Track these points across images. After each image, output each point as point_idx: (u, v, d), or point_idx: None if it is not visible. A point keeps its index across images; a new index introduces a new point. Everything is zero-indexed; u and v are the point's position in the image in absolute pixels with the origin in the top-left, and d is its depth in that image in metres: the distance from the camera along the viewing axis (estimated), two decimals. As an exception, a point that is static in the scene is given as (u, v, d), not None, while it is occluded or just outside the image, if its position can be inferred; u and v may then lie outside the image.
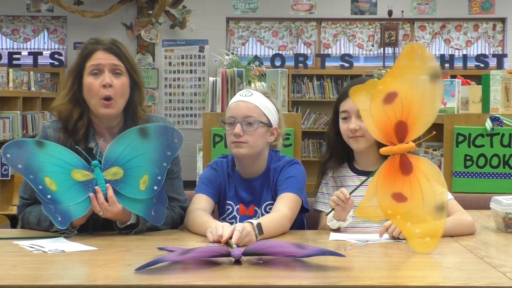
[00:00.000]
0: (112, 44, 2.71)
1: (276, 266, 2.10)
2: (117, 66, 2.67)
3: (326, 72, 11.10)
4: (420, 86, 2.33)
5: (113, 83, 2.65)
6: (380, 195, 2.39)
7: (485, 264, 2.15)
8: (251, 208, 2.87)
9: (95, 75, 2.65)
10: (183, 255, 2.09)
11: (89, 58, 2.68)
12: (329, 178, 2.95)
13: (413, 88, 2.34)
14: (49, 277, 1.99)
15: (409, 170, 2.37)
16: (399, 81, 2.34)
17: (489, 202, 2.80)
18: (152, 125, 2.60)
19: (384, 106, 2.35)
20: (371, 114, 2.37)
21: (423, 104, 2.33)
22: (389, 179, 2.39)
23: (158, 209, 2.58)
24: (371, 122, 2.39)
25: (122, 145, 2.55)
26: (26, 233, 2.61)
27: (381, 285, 1.93)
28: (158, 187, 2.57)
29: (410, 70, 2.35)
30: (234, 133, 2.79)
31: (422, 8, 11.49)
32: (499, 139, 4.77)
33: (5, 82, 8.22)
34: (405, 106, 2.33)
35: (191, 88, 11.51)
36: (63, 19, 11.53)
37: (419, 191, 2.34)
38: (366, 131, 2.78)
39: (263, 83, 5.93)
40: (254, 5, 11.50)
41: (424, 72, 2.33)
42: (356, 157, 2.92)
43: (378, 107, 2.35)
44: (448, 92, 5.07)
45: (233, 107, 2.85)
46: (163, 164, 2.57)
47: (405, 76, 2.35)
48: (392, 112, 2.34)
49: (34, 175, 2.47)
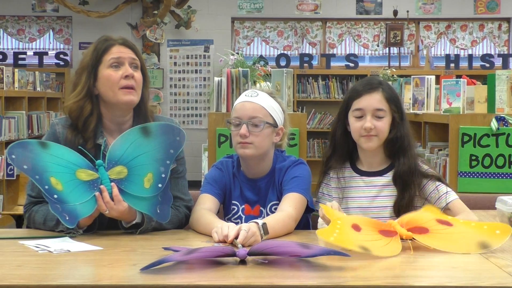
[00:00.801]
0: (125, 40, 2.77)
1: (281, 266, 2.09)
2: (135, 60, 2.73)
3: (331, 72, 11.09)
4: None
5: (134, 75, 2.70)
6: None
7: (490, 264, 2.14)
8: (256, 208, 2.87)
9: (115, 67, 2.68)
10: (189, 255, 2.09)
11: (107, 52, 2.70)
12: (331, 178, 2.94)
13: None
14: (54, 277, 1.99)
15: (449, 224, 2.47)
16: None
17: (494, 202, 2.80)
18: (153, 124, 2.62)
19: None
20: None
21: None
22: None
23: (163, 207, 2.59)
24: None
25: (125, 144, 2.57)
26: (31, 233, 2.61)
27: (386, 285, 1.93)
28: (162, 184, 2.58)
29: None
30: (240, 134, 2.79)
31: (427, 8, 11.48)
32: (505, 139, 4.76)
33: (11, 82, 8.23)
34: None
35: (196, 88, 11.51)
36: (68, 19, 11.55)
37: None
38: (380, 131, 2.80)
39: (268, 83, 5.92)
40: (259, 5, 11.50)
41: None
42: (361, 157, 2.91)
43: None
44: (453, 92, 5.06)
45: (239, 107, 2.84)
46: (167, 162, 2.58)
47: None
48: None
49: (39, 176, 2.48)
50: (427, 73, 8.11)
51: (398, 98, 2.88)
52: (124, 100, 2.68)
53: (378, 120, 2.81)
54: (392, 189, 2.83)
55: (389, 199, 2.82)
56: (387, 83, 2.92)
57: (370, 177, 2.87)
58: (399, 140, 2.83)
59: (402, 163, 2.81)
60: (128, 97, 2.68)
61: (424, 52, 11.51)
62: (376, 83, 2.86)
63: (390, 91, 2.85)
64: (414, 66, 11.56)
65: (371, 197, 2.85)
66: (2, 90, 7.82)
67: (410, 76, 6.65)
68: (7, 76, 8.04)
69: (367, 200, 2.85)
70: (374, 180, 2.87)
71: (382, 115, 2.81)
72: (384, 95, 2.82)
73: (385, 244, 2.29)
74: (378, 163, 2.87)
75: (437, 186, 2.81)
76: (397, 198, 2.79)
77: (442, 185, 2.82)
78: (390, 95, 2.84)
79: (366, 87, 2.84)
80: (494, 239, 2.36)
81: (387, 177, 2.85)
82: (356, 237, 2.30)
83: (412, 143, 2.88)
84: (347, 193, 2.89)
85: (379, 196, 2.84)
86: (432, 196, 2.80)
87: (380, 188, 2.85)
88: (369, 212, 2.81)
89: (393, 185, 2.82)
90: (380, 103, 2.81)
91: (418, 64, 11.58)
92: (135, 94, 2.70)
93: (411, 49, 11.55)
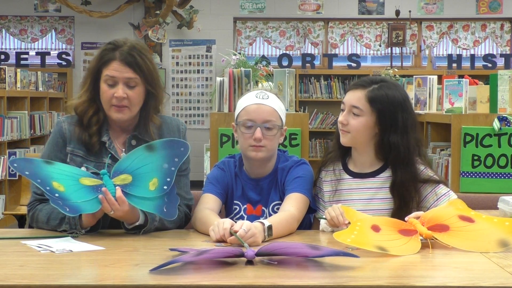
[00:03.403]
0: (129, 53, 2.69)
1: (289, 266, 2.09)
2: (131, 79, 2.69)
3: (333, 72, 11.09)
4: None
5: (127, 94, 2.68)
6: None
7: (492, 264, 2.14)
8: (258, 208, 2.87)
9: (109, 86, 2.69)
10: (198, 256, 2.09)
11: (106, 67, 2.69)
12: (323, 182, 2.89)
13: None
14: (56, 277, 1.99)
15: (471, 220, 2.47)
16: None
17: (496, 202, 2.80)
18: (158, 142, 2.63)
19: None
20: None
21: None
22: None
23: (170, 206, 2.58)
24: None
25: (130, 159, 2.59)
26: (34, 233, 2.61)
27: (388, 285, 1.93)
28: (168, 187, 2.58)
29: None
30: (255, 137, 2.78)
31: (429, 8, 11.47)
32: (507, 139, 4.76)
33: (13, 82, 8.24)
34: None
35: (198, 88, 11.51)
36: (70, 19, 11.55)
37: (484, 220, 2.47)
38: (352, 129, 2.74)
39: (270, 83, 5.93)
40: (261, 5, 11.50)
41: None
42: (353, 156, 2.86)
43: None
44: (455, 92, 5.06)
45: (253, 110, 2.82)
46: (171, 169, 2.59)
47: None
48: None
49: (41, 180, 2.49)
50: (429, 73, 8.12)
51: (390, 103, 2.73)
52: (113, 117, 2.71)
53: (354, 117, 2.75)
54: (388, 192, 2.77)
55: (385, 202, 2.77)
56: (390, 86, 2.77)
57: (362, 178, 2.82)
58: (393, 149, 2.73)
59: (399, 175, 2.73)
60: (118, 115, 2.70)
61: (426, 52, 11.50)
62: (368, 82, 2.77)
63: (380, 94, 2.72)
64: (416, 66, 11.55)
65: (365, 199, 2.79)
66: (4, 90, 7.83)
67: (412, 76, 6.65)
68: (9, 76, 8.04)
69: (361, 203, 2.78)
70: (366, 182, 2.81)
71: (357, 113, 2.73)
72: (367, 94, 2.73)
73: (403, 243, 2.29)
74: (369, 163, 2.81)
75: (435, 188, 2.74)
76: (394, 209, 2.73)
77: (441, 186, 2.75)
78: (376, 97, 2.72)
79: (357, 83, 2.79)
80: (509, 234, 2.37)
81: (380, 179, 2.79)
82: (374, 238, 2.31)
83: (413, 158, 2.75)
84: (338, 196, 2.84)
85: (374, 199, 2.79)
86: (428, 198, 2.74)
87: (375, 191, 2.79)
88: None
89: (387, 188, 2.77)
90: (358, 101, 2.73)
91: (420, 64, 11.57)
92: (126, 112, 2.70)
93: (413, 49, 11.55)
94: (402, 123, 2.74)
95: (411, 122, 2.77)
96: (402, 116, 2.74)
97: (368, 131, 2.75)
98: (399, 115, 2.74)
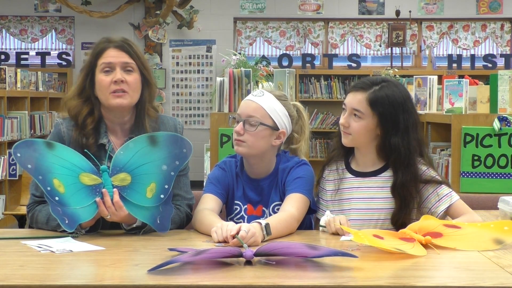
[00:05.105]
0: (123, 42, 2.75)
1: (287, 266, 2.09)
2: (128, 63, 2.71)
3: (334, 72, 11.08)
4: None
5: (125, 78, 2.69)
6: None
7: (493, 264, 2.14)
8: (259, 208, 2.87)
9: (106, 73, 2.69)
10: (196, 256, 2.09)
11: (101, 56, 2.72)
12: (326, 182, 2.90)
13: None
14: (56, 277, 2.00)
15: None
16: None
17: (497, 202, 2.80)
18: (161, 134, 2.62)
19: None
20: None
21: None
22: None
23: (163, 218, 2.58)
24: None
25: (131, 152, 2.57)
26: (34, 233, 2.62)
27: (388, 285, 1.93)
28: (164, 196, 2.58)
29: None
30: (235, 130, 2.81)
31: (429, 8, 11.47)
32: (507, 139, 4.76)
33: (13, 82, 8.24)
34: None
35: (198, 88, 11.51)
36: (70, 19, 11.55)
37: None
38: (353, 131, 2.75)
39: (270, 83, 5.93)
40: (261, 5, 11.50)
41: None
42: (356, 155, 2.86)
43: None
44: (456, 92, 5.06)
45: (242, 105, 2.88)
46: (171, 174, 2.59)
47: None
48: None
49: (43, 176, 2.49)
50: (430, 73, 8.11)
51: (392, 105, 2.72)
52: (114, 103, 2.69)
53: (355, 120, 2.75)
54: (389, 191, 2.77)
55: (386, 201, 2.77)
56: (391, 86, 2.77)
57: (364, 177, 2.82)
58: (394, 151, 2.73)
59: (399, 176, 2.73)
60: (117, 100, 2.69)
61: (427, 52, 11.49)
62: (369, 83, 2.76)
63: (381, 96, 2.72)
64: (416, 66, 11.55)
65: (366, 198, 2.79)
66: (5, 90, 7.83)
67: (412, 76, 6.65)
68: (9, 76, 8.05)
69: (363, 202, 2.79)
70: (368, 181, 2.81)
71: (359, 115, 2.73)
72: (368, 97, 2.72)
73: (411, 247, 2.30)
74: (371, 162, 2.81)
75: (437, 189, 2.74)
76: (395, 210, 2.74)
77: (443, 186, 2.75)
78: (377, 100, 2.72)
79: (358, 85, 2.78)
80: (506, 235, 2.40)
81: (382, 178, 2.79)
82: (385, 242, 2.31)
83: (413, 159, 2.75)
84: (340, 195, 2.84)
85: (375, 198, 2.78)
86: (430, 199, 2.74)
87: (376, 190, 2.79)
88: (366, 213, 2.77)
89: (389, 187, 2.77)
90: (359, 104, 2.73)
91: (420, 64, 11.57)
92: (126, 97, 2.69)
93: (413, 49, 11.55)
94: (403, 124, 2.73)
95: (412, 122, 2.76)
96: (403, 117, 2.74)
97: (369, 133, 2.76)
98: (400, 116, 2.73)
